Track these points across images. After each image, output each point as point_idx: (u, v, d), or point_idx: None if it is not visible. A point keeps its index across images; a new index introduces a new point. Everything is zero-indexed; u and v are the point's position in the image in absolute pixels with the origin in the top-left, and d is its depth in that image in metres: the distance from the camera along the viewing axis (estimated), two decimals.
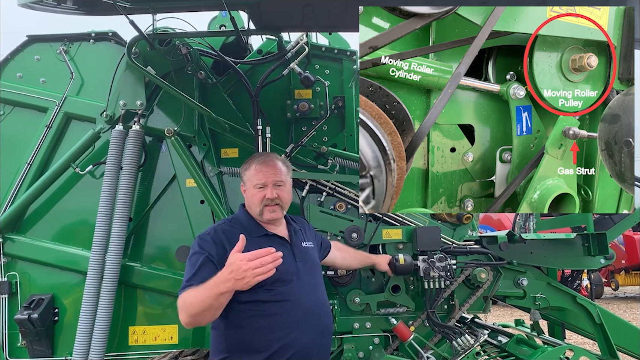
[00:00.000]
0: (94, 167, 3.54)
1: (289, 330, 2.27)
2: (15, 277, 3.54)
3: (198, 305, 2.07)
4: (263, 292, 2.24)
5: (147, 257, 3.63)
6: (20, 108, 3.68)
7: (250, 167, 2.48)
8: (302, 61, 3.69)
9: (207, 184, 3.51)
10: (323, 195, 3.58)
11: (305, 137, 3.72)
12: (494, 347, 3.75)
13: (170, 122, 3.58)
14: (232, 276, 2.00)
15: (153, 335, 3.54)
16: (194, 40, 3.58)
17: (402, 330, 3.39)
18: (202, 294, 2.07)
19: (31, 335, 3.39)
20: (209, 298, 2.04)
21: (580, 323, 3.90)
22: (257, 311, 2.26)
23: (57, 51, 3.72)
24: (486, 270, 3.50)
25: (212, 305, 2.06)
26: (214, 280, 2.05)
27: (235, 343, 2.26)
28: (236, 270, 2.00)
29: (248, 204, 2.50)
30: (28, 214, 3.61)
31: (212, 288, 2.04)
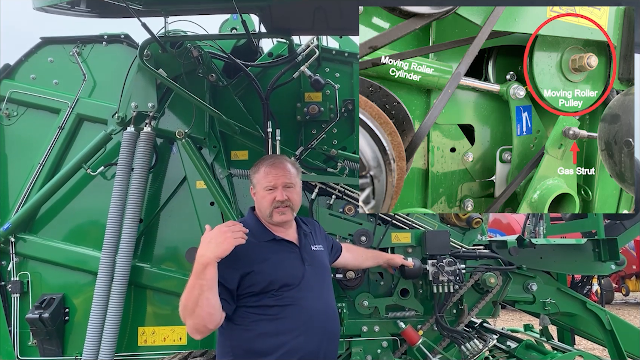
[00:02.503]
0: (105, 168, 3.57)
1: (295, 335, 2.25)
2: (27, 276, 3.58)
3: (190, 294, 2.04)
4: (269, 296, 2.23)
5: (157, 258, 3.65)
6: (33, 109, 3.73)
7: (260, 169, 2.46)
8: (312, 64, 3.71)
9: (217, 185, 3.52)
10: (332, 198, 3.59)
11: (315, 139, 3.73)
12: (502, 352, 3.74)
13: (181, 124, 3.60)
14: (214, 242, 2.06)
15: (162, 335, 3.56)
16: (205, 43, 3.59)
17: (410, 334, 3.38)
18: (190, 282, 2.06)
19: (42, 334, 3.43)
20: (197, 277, 2.03)
21: (590, 329, 3.87)
22: (263, 315, 2.24)
23: (70, 53, 3.76)
24: (495, 275, 3.48)
25: (202, 285, 2.02)
26: (196, 260, 2.07)
27: (241, 346, 2.25)
28: (216, 235, 2.08)
29: (258, 206, 2.48)
30: (40, 214, 3.65)
31: (196, 267, 2.05)
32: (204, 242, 2.11)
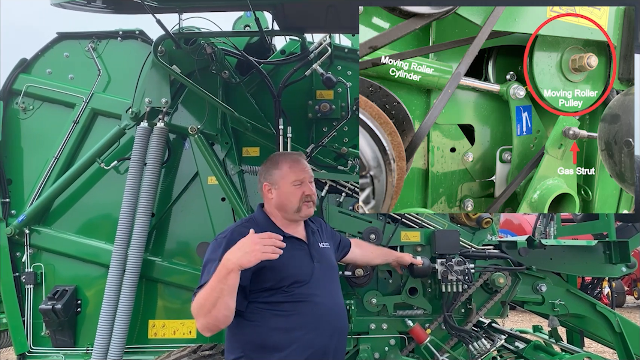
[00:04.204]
0: (118, 162, 3.62)
1: (306, 331, 2.26)
2: (41, 268, 3.63)
3: (209, 296, 2.04)
4: (280, 293, 2.25)
5: (168, 252, 3.69)
6: (48, 103, 3.78)
7: (282, 165, 2.45)
8: (324, 62, 3.71)
9: (228, 181, 3.55)
10: (342, 195, 3.60)
11: (325, 137, 3.74)
12: (510, 353, 3.73)
13: (193, 120, 3.63)
14: (242, 250, 2.03)
15: (172, 329, 3.60)
16: (218, 40, 3.62)
17: (418, 333, 3.39)
18: (210, 283, 2.04)
19: (54, 325, 3.49)
20: (219, 281, 2.02)
21: (599, 331, 3.85)
22: (274, 311, 2.25)
23: (85, 48, 3.80)
24: (505, 275, 3.47)
25: (222, 290, 2.02)
26: (221, 263, 2.04)
27: (252, 342, 2.25)
28: (246, 244, 2.04)
29: (282, 202, 2.44)
30: (54, 207, 3.70)
31: (219, 271, 2.03)
32: (236, 246, 2.08)
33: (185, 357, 3.12)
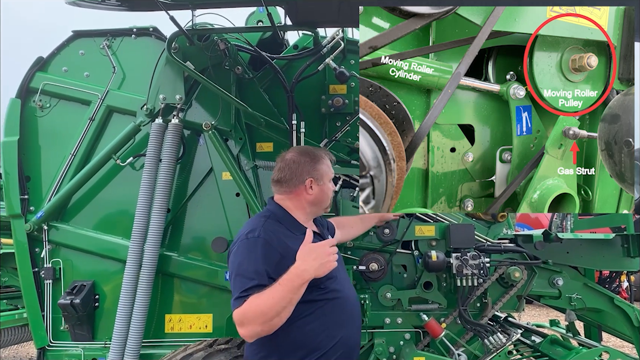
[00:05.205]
0: (134, 159, 3.65)
1: (341, 327, 2.25)
2: (59, 263, 3.69)
3: (275, 305, 1.94)
4: (316, 290, 2.17)
5: (184, 247, 3.72)
6: (65, 101, 3.82)
7: (323, 161, 2.42)
8: (337, 56, 3.71)
9: (242, 177, 3.56)
10: (356, 190, 3.60)
11: (339, 132, 3.74)
12: (527, 347, 3.71)
13: (208, 116, 3.65)
14: (318, 261, 2.01)
15: (188, 323, 3.64)
16: (231, 36, 3.62)
17: (433, 327, 3.38)
18: (278, 292, 1.95)
19: (73, 319, 3.55)
20: (290, 292, 1.95)
21: (617, 325, 3.80)
22: (310, 310, 2.18)
23: (100, 46, 3.84)
24: (520, 269, 3.45)
25: (292, 299, 1.96)
26: (292, 273, 1.98)
27: (291, 343, 2.17)
28: (322, 255, 2.03)
29: (321, 198, 2.39)
30: (71, 203, 3.75)
31: (291, 281, 1.96)
32: (308, 257, 2.02)
33: (201, 350, 3.15)
